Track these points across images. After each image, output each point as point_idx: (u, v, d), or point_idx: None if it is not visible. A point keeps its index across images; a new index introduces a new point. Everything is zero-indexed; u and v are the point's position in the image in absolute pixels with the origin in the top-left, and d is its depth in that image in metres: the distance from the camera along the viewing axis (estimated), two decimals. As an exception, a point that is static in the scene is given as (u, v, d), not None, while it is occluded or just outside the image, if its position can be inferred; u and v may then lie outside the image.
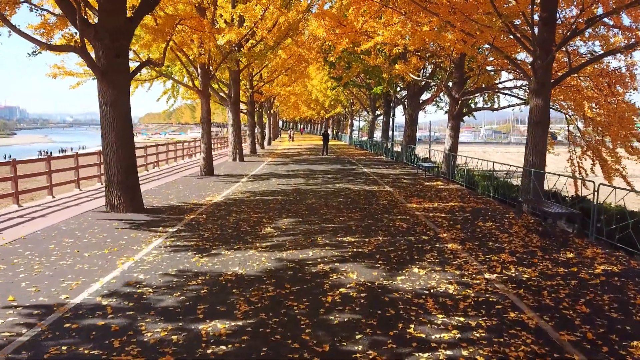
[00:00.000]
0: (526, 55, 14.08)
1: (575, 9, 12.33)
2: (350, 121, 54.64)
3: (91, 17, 10.34)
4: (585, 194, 11.52)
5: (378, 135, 38.42)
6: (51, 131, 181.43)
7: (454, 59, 16.67)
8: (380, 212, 10.45)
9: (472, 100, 22.56)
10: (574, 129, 15.90)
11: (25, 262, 6.47)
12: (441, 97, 28.44)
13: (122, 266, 6.34)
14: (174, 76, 20.72)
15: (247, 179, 16.83)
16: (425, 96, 26.73)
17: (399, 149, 27.87)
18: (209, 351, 3.99)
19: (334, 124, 74.78)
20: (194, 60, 17.05)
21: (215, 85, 22.82)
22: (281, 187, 14.56)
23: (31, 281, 5.72)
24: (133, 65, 11.87)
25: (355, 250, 7.22)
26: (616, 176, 14.35)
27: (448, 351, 4.00)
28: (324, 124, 77.50)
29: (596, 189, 8.38)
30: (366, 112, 44.69)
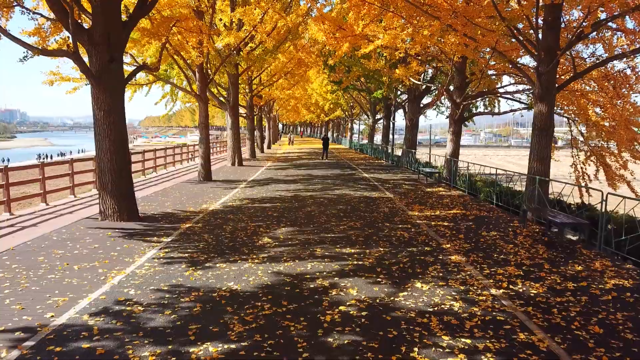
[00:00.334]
0: (529, 60, 13.85)
1: (577, 13, 12.11)
2: (350, 124, 54.39)
3: (86, 21, 10.10)
4: (592, 202, 11.27)
5: (378, 139, 38.18)
6: (51, 134, 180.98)
7: (455, 63, 16.44)
8: (381, 221, 10.19)
9: (474, 105, 22.30)
10: (576, 133, 15.65)
11: (12, 277, 6.21)
12: (442, 102, 28.20)
13: (112, 280, 6.08)
14: (172, 80, 20.48)
15: (246, 184, 16.57)
16: (426, 100, 26.50)
17: (400, 153, 27.61)
18: (199, 379, 3.73)
19: (334, 127, 74.53)
20: (191, 64, 16.81)
21: (214, 89, 22.58)
22: (280, 193, 14.30)
23: (16, 297, 5.46)
24: (129, 69, 11.63)
25: (355, 262, 6.96)
26: (620, 183, 14.07)
27: (455, 379, 3.74)
28: (324, 128, 77.33)
29: (604, 198, 8.12)
30: (366, 116, 44.44)
